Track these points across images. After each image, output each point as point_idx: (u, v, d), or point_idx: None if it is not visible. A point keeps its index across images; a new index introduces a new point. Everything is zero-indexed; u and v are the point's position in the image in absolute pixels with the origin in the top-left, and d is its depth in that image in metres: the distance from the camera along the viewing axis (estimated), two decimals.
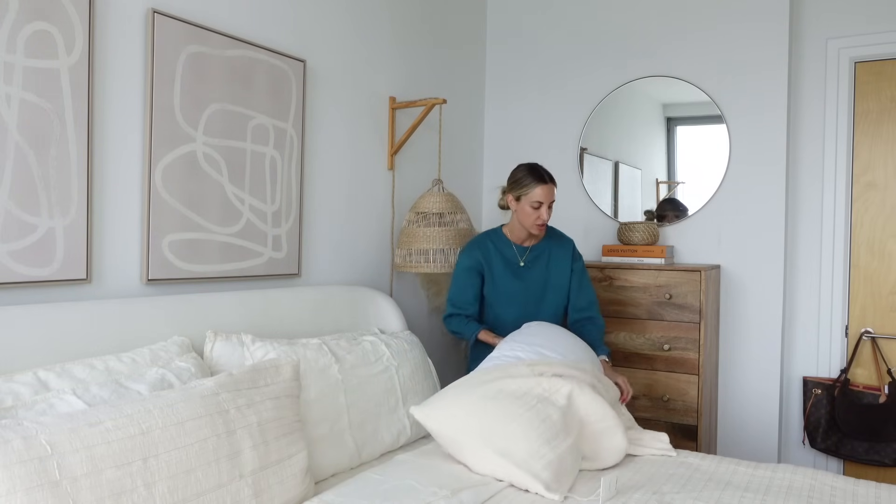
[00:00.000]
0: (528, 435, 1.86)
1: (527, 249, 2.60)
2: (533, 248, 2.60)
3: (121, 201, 1.94)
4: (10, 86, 1.66)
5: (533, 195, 2.45)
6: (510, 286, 2.56)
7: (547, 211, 2.47)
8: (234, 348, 1.95)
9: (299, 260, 2.51)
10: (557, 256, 2.61)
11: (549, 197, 2.46)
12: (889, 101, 3.03)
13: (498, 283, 2.56)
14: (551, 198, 2.47)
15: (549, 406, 1.97)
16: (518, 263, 2.58)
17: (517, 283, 2.57)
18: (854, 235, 3.08)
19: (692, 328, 2.85)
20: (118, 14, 1.92)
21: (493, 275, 2.57)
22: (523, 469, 1.80)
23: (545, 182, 2.45)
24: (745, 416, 3.11)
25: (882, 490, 1.82)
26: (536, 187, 2.44)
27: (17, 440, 1.23)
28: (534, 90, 3.60)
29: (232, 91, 2.23)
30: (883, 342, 3.02)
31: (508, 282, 2.56)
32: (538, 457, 1.82)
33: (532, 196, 2.45)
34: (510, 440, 1.85)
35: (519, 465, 1.81)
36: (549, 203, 2.47)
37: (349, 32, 2.76)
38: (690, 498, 1.76)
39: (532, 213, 2.47)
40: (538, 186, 2.44)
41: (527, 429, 1.87)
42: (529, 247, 2.60)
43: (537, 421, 1.90)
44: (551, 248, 2.63)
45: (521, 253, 2.59)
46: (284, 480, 1.63)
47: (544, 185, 2.45)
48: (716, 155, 3.17)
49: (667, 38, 3.27)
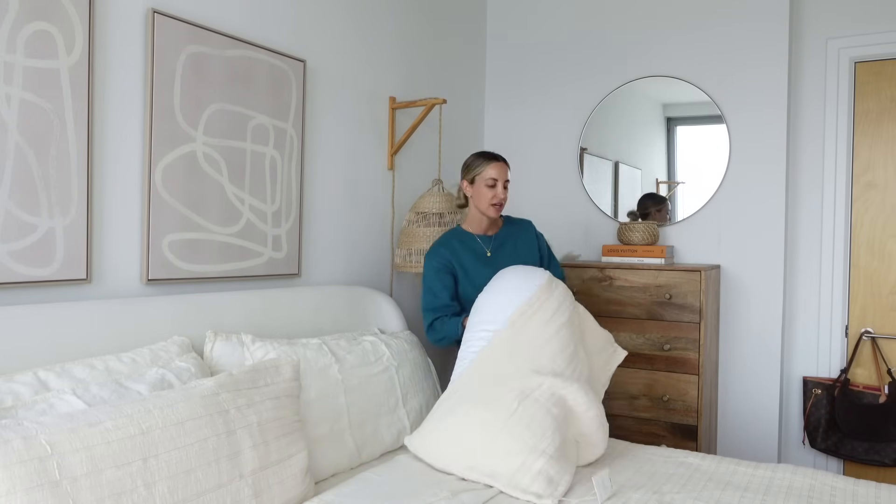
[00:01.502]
0: (509, 449, 1.84)
1: (490, 239, 2.57)
2: (496, 237, 2.58)
3: (121, 201, 1.94)
4: (10, 86, 1.66)
5: (486, 173, 2.46)
6: (484, 278, 2.51)
7: (503, 190, 2.47)
8: (234, 348, 1.95)
9: (299, 260, 2.51)
10: (522, 239, 2.61)
11: (502, 174, 2.47)
12: (889, 101, 3.03)
13: (472, 278, 2.51)
14: (505, 176, 2.47)
15: (533, 405, 1.94)
16: (485, 254, 2.54)
17: (489, 272, 2.51)
18: (854, 235, 3.08)
19: (692, 328, 2.85)
20: (118, 14, 1.92)
21: (466, 270, 2.52)
22: (512, 486, 1.81)
23: (496, 160, 2.47)
24: (745, 416, 3.11)
25: (882, 490, 1.82)
26: (487, 166, 2.46)
27: (17, 440, 1.23)
28: (534, 90, 3.60)
29: (232, 91, 2.23)
30: (883, 342, 3.02)
31: (481, 274, 2.52)
32: (524, 469, 1.81)
33: (485, 174, 2.46)
34: (496, 459, 1.85)
35: (507, 485, 1.81)
36: (504, 182, 2.47)
37: (349, 32, 2.76)
38: (690, 498, 1.76)
39: (487, 193, 2.46)
40: (489, 164, 2.46)
41: (510, 442, 1.86)
42: (492, 236, 2.58)
43: (521, 428, 1.88)
44: (513, 232, 2.62)
45: (486, 243, 2.56)
46: (284, 480, 1.63)
47: (496, 162, 2.46)
48: (716, 155, 3.17)
49: (667, 38, 3.27)
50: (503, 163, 2.48)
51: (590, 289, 3.05)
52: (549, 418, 1.90)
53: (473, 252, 2.54)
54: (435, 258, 2.51)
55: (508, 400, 1.95)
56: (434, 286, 2.49)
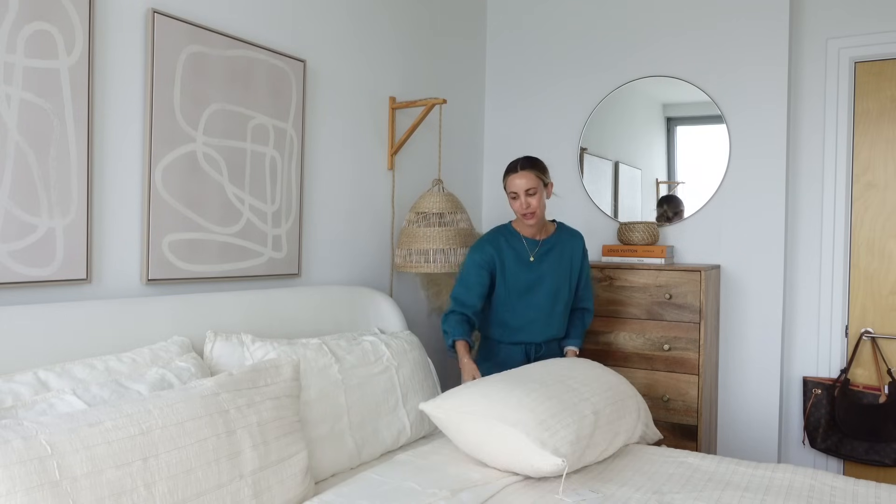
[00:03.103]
0: (537, 408, 1.86)
1: (538, 243, 2.55)
2: (544, 243, 2.56)
3: (121, 201, 1.94)
4: (10, 86, 1.66)
5: (508, 186, 2.45)
6: (521, 281, 2.52)
7: (527, 199, 2.43)
8: (234, 348, 1.95)
9: (299, 260, 2.51)
10: (569, 250, 2.59)
11: (522, 185, 2.42)
12: (889, 101, 3.03)
13: (508, 279, 2.51)
14: (526, 185, 2.41)
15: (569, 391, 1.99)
16: (528, 258, 2.53)
17: (529, 278, 2.52)
18: (854, 235, 3.08)
19: (692, 328, 2.85)
20: (118, 14, 1.92)
21: (505, 270, 2.51)
22: (532, 438, 1.78)
23: (515, 171, 2.44)
24: (745, 416, 3.11)
25: (882, 490, 1.82)
26: (508, 177, 2.45)
27: (17, 440, 1.23)
28: (534, 90, 3.60)
29: (232, 91, 2.23)
30: (883, 342, 3.02)
31: (519, 277, 2.51)
32: (546, 428, 1.81)
33: (508, 187, 2.46)
34: (523, 411, 1.84)
35: (527, 437, 1.78)
36: (526, 191, 2.42)
37: (349, 32, 2.76)
38: (690, 498, 1.76)
39: (514, 204, 2.46)
40: (509, 176, 2.45)
41: (541, 400, 1.89)
42: (540, 241, 2.56)
43: (551, 399, 1.91)
44: (563, 242, 2.59)
45: (532, 247, 2.54)
46: (284, 480, 1.63)
47: (514, 173, 2.43)
48: (716, 155, 3.17)
49: (667, 37, 3.27)
50: (525, 171, 2.43)
51: None
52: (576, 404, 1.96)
53: (517, 253, 2.53)
54: (479, 252, 2.51)
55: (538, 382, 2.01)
56: (469, 279, 2.49)
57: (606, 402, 2.06)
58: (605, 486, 1.84)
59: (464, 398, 1.95)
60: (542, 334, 2.57)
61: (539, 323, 2.56)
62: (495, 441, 1.84)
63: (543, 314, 2.55)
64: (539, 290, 2.54)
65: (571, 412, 1.91)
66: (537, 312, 2.55)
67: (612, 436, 2.02)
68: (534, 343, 2.58)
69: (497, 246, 2.52)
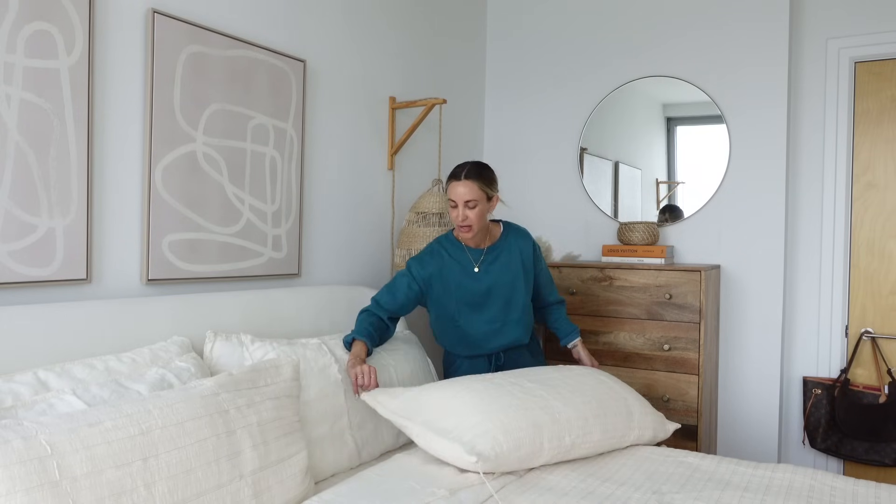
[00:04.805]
0: (461, 410, 1.87)
1: (482, 252, 2.38)
2: (489, 251, 2.38)
3: (121, 201, 1.94)
4: (10, 86, 1.66)
5: (449, 192, 2.28)
6: (469, 293, 2.35)
7: (465, 211, 2.24)
8: (233, 348, 1.95)
9: (299, 260, 2.51)
10: (518, 254, 2.41)
11: (462, 195, 2.22)
12: (889, 101, 3.03)
13: (453, 292, 2.35)
14: (467, 196, 2.22)
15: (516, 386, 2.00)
16: (473, 268, 2.36)
17: (477, 289, 2.36)
18: (854, 235, 3.08)
19: (692, 328, 2.85)
20: (118, 14, 1.92)
21: (448, 284, 2.34)
22: (453, 440, 1.80)
23: (458, 178, 2.24)
24: (745, 416, 3.11)
25: (882, 490, 1.82)
26: (450, 183, 2.27)
27: (17, 440, 1.23)
28: (534, 90, 3.60)
29: (232, 91, 2.23)
30: (883, 342, 3.02)
31: (465, 289, 2.35)
32: (469, 427, 1.82)
33: (448, 193, 2.28)
34: (450, 416, 1.87)
35: (450, 439, 1.81)
36: (466, 202, 2.23)
37: (349, 32, 2.76)
38: (690, 498, 1.76)
39: (451, 213, 2.29)
40: (451, 182, 2.27)
41: (467, 400, 1.90)
42: (485, 248, 2.39)
43: (482, 394, 1.92)
44: (510, 246, 2.41)
45: (476, 257, 2.37)
46: (284, 480, 1.63)
47: (456, 181, 2.24)
48: (716, 155, 3.17)
49: (667, 38, 3.27)
50: (468, 181, 2.23)
51: (590, 289, 3.05)
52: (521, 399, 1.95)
53: (461, 266, 2.36)
54: (418, 267, 2.35)
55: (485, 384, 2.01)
56: (398, 288, 2.33)
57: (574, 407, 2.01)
58: (604, 484, 1.84)
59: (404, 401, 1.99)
60: (501, 343, 2.42)
61: (495, 333, 2.40)
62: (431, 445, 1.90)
63: (498, 324, 2.40)
64: (490, 301, 2.38)
65: (510, 412, 1.90)
66: (492, 324, 2.39)
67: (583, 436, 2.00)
68: (493, 353, 2.44)
69: (440, 262, 2.36)
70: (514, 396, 1.96)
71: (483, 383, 2.02)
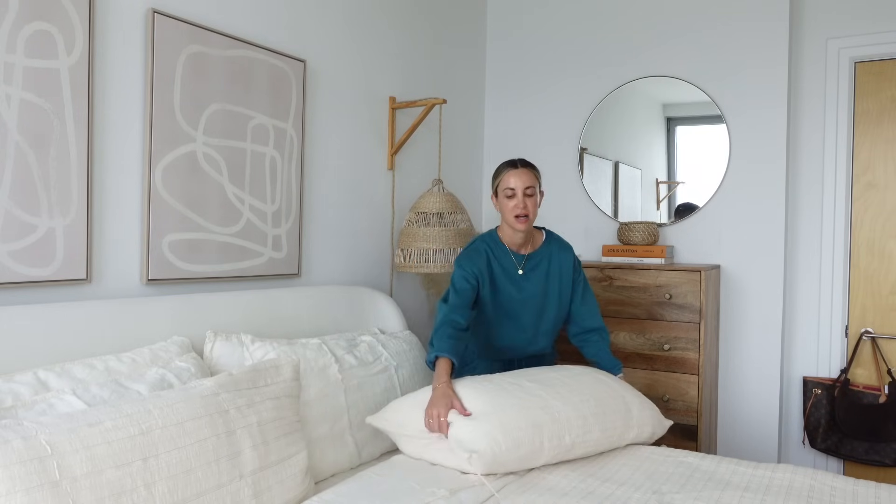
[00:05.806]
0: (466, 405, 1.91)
1: (524, 257, 2.36)
2: (531, 257, 2.37)
3: (121, 201, 1.94)
4: (10, 86, 1.66)
5: (504, 182, 2.26)
6: (510, 298, 2.34)
7: (524, 200, 2.24)
8: (233, 348, 1.95)
9: (299, 260, 2.51)
10: (557, 265, 2.39)
11: (521, 182, 2.23)
12: (889, 101, 3.03)
13: (497, 296, 2.33)
14: (526, 183, 2.24)
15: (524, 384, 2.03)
16: (517, 271, 2.34)
17: (517, 295, 2.34)
18: (854, 235, 3.08)
19: (692, 328, 2.85)
20: (118, 14, 1.92)
21: (495, 283, 2.32)
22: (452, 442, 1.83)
23: (515, 167, 2.26)
24: (745, 416, 3.11)
25: (882, 490, 1.82)
26: (505, 173, 2.27)
27: (17, 440, 1.23)
28: (534, 90, 3.60)
29: (232, 91, 2.23)
30: (883, 342, 3.02)
31: (508, 292, 2.33)
32: (470, 428, 1.84)
33: (504, 183, 2.27)
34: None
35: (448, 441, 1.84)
36: (525, 189, 2.24)
37: (349, 32, 2.76)
38: (690, 498, 1.76)
39: (508, 203, 2.26)
40: (507, 172, 2.27)
41: (466, 401, 1.93)
42: (527, 255, 2.37)
43: (481, 394, 1.95)
44: (551, 255, 2.39)
45: (519, 261, 2.35)
46: (284, 480, 1.63)
47: (514, 169, 2.26)
48: (716, 155, 3.17)
49: (667, 38, 3.27)
50: (525, 168, 2.26)
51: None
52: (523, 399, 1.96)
53: (503, 268, 2.34)
54: (468, 265, 2.28)
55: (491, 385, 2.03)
56: (460, 286, 2.25)
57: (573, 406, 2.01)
58: (604, 484, 1.84)
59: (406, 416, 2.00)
60: (524, 352, 2.43)
61: (523, 342, 2.40)
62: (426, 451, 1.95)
63: (530, 334, 2.39)
64: (525, 310, 2.36)
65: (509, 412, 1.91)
66: (523, 333, 2.38)
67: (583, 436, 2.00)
68: (515, 359, 2.46)
69: (486, 260, 2.32)
70: (513, 396, 1.96)
71: (482, 383, 2.02)
